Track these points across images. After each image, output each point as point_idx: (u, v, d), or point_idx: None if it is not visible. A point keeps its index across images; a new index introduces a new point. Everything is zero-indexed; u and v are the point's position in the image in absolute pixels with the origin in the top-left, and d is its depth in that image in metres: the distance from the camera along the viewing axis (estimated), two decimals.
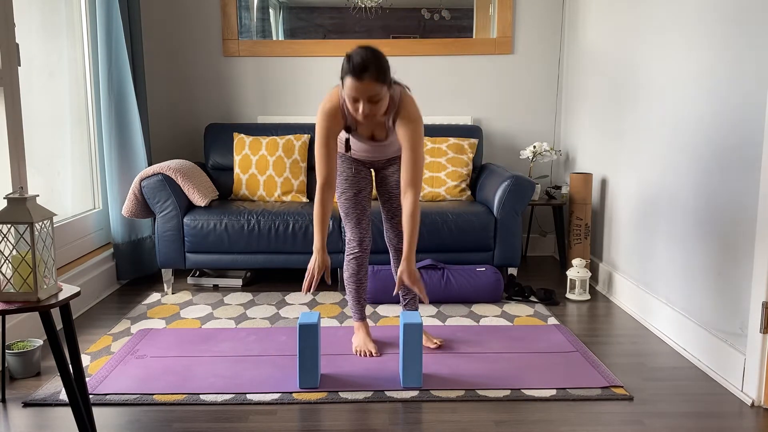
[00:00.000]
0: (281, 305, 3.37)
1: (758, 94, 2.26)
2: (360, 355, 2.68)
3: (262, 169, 3.90)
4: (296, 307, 3.34)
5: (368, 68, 2.21)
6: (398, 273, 2.41)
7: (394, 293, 2.49)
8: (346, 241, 2.72)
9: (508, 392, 2.36)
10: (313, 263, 2.41)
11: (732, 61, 2.42)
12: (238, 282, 3.71)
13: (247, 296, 3.53)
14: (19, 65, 2.80)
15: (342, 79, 2.29)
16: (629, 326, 3.08)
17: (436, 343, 2.76)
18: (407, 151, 2.40)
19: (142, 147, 3.69)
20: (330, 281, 2.43)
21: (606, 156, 3.65)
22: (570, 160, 4.22)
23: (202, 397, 2.33)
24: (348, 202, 2.65)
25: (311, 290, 2.39)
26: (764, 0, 2.23)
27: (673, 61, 2.87)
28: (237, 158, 3.95)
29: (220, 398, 2.31)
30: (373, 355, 2.67)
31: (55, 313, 3.00)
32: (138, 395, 2.33)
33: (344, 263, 2.74)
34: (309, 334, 2.34)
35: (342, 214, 2.69)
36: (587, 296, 3.49)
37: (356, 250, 2.69)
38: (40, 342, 2.60)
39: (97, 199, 3.76)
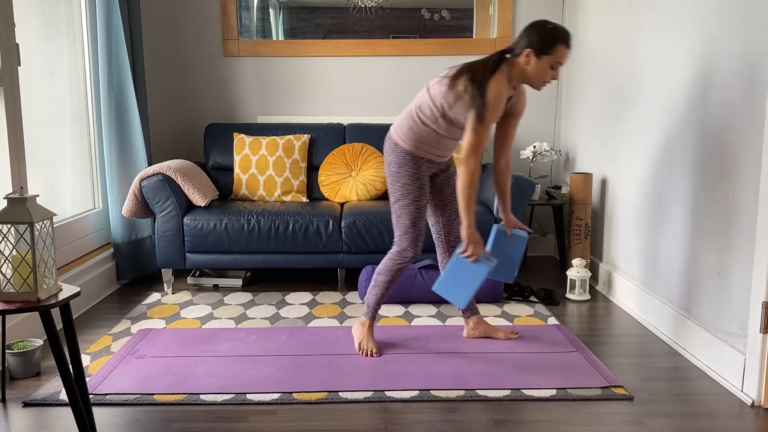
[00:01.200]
0: (281, 305, 3.37)
1: (758, 94, 2.26)
2: (363, 353, 2.69)
3: (262, 169, 3.90)
4: (296, 306, 3.34)
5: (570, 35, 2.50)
6: (507, 222, 2.71)
7: (509, 234, 2.68)
8: (399, 249, 2.64)
9: (508, 392, 2.36)
10: (474, 240, 2.49)
11: (732, 61, 2.42)
12: (238, 282, 3.71)
13: (247, 296, 3.53)
14: (19, 65, 2.80)
15: (544, 51, 2.42)
16: (629, 326, 3.08)
17: (510, 336, 2.88)
18: (518, 119, 2.64)
19: (142, 147, 3.69)
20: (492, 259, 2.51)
21: (606, 156, 3.65)
22: (570, 160, 4.22)
23: (202, 397, 2.33)
24: (419, 211, 2.60)
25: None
26: (764, 1, 2.23)
27: (672, 60, 2.87)
28: (237, 158, 3.95)
29: (220, 398, 2.31)
30: (374, 355, 2.67)
31: (55, 313, 3.00)
32: (138, 395, 2.33)
33: (385, 267, 2.68)
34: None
35: (408, 223, 2.60)
36: (587, 296, 3.49)
37: (407, 260, 2.65)
38: (40, 342, 2.60)
39: (97, 199, 3.76)
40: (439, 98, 2.49)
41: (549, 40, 2.41)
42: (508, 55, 2.48)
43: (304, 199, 3.94)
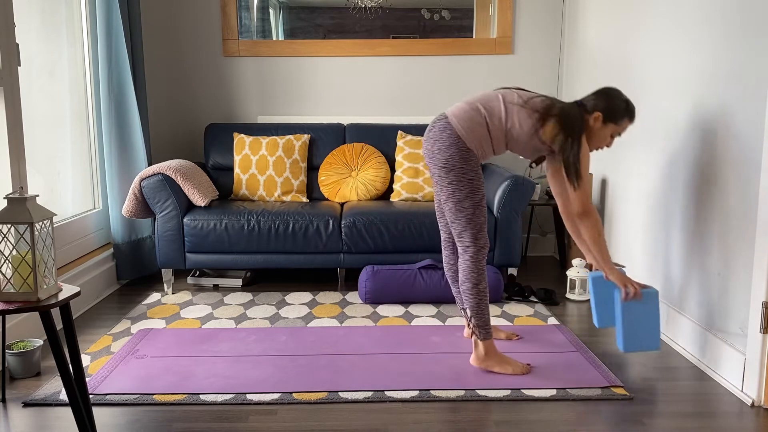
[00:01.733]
0: (281, 305, 3.37)
1: (758, 93, 2.26)
2: (522, 374, 2.56)
3: (262, 169, 3.90)
4: (296, 306, 3.34)
5: None
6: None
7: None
8: (480, 246, 2.55)
9: (508, 392, 2.36)
10: (627, 279, 2.50)
11: (732, 61, 2.42)
12: (238, 282, 3.71)
13: (247, 296, 3.53)
14: (19, 65, 2.80)
15: (611, 119, 2.52)
16: None
17: (511, 337, 2.88)
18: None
19: (142, 147, 3.69)
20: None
21: (606, 156, 3.65)
22: None
23: (202, 397, 2.33)
24: (486, 205, 2.58)
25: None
26: (765, 0, 2.23)
27: (673, 60, 2.87)
28: (237, 158, 3.95)
29: (220, 398, 2.32)
30: (529, 370, 2.56)
31: (55, 313, 3.00)
32: (138, 395, 2.33)
33: (480, 272, 2.56)
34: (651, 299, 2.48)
35: (483, 219, 2.56)
36: (587, 296, 3.49)
37: (486, 255, 2.59)
38: (40, 342, 2.60)
39: (97, 199, 3.76)
40: (514, 117, 2.48)
41: (619, 111, 2.52)
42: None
43: (304, 199, 3.94)
